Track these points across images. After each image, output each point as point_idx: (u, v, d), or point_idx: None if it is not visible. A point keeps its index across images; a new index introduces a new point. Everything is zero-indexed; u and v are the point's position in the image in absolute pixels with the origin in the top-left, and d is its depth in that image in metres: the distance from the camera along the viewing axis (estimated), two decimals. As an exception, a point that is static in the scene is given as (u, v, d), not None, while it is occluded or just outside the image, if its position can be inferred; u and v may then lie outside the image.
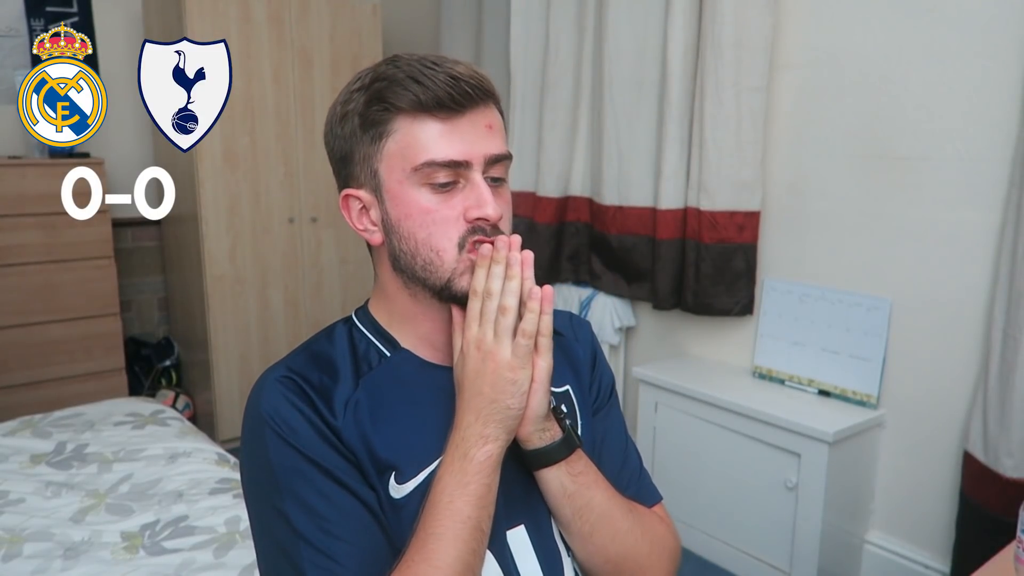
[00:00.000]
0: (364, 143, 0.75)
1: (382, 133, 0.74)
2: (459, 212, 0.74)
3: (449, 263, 0.75)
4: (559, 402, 0.84)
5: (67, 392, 2.67)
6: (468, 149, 0.73)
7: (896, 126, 1.95)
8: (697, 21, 2.25)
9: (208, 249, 2.85)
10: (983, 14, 1.77)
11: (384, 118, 0.74)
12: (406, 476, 0.75)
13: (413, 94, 0.72)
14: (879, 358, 2.02)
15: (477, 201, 0.74)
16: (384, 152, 0.74)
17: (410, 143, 0.73)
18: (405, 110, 0.73)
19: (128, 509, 1.64)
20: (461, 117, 0.73)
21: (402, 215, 0.75)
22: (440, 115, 0.73)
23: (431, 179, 0.73)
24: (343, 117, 0.77)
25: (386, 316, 0.82)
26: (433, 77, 0.72)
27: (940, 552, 1.95)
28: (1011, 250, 1.69)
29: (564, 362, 0.91)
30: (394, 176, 0.74)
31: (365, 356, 0.80)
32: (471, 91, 0.73)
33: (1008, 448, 1.69)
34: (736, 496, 2.15)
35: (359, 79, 0.77)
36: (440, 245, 0.74)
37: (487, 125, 0.75)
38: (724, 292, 2.29)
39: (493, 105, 0.77)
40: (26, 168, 2.62)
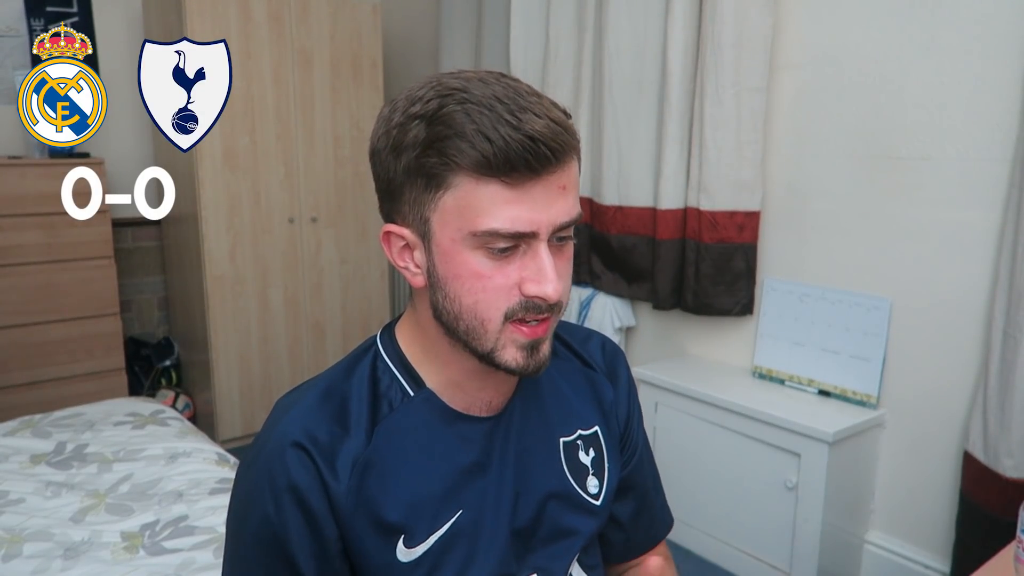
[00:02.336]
0: (417, 187, 0.66)
1: (439, 184, 0.64)
2: (514, 281, 0.66)
3: (493, 333, 0.67)
4: (587, 445, 0.82)
5: (67, 392, 2.67)
6: (537, 218, 0.64)
7: (896, 126, 1.96)
8: (697, 21, 2.25)
9: (208, 249, 2.85)
10: (983, 14, 1.77)
11: (442, 169, 0.63)
12: (416, 540, 0.71)
13: (481, 153, 0.61)
14: (879, 358, 2.02)
15: (537, 276, 0.65)
16: (439, 204, 0.65)
17: (471, 204, 0.63)
18: (467, 168, 0.62)
19: (128, 509, 1.64)
20: (535, 182, 0.63)
21: (451, 275, 0.67)
22: (510, 180, 0.62)
23: (489, 245, 0.64)
24: (396, 148, 0.66)
25: (415, 350, 0.75)
26: (507, 136, 0.61)
27: (940, 552, 1.96)
28: (1011, 250, 1.69)
29: (591, 399, 0.85)
30: (447, 233, 0.65)
31: (386, 393, 0.73)
32: (550, 153, 0.62)
33: (1008, 448, 1.69)
34: (736, 496, 2.15)
35: (420, 102, 0.65)
36: (487, 315, 0.66)
37: (561, 187, 0.65)
38: (724, 292, 2.29)
39: (574, 157, 0.66)
40: (26, 168, 2.62)
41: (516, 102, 0.63)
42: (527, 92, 0.65)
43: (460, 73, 0.67)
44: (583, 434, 0.83)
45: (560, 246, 0.68)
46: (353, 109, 3.12)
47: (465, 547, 0.73)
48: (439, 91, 0.64)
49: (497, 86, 0.64)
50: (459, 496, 0.73)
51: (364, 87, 3.14)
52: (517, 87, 0.65)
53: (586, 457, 0.82)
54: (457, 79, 0.66)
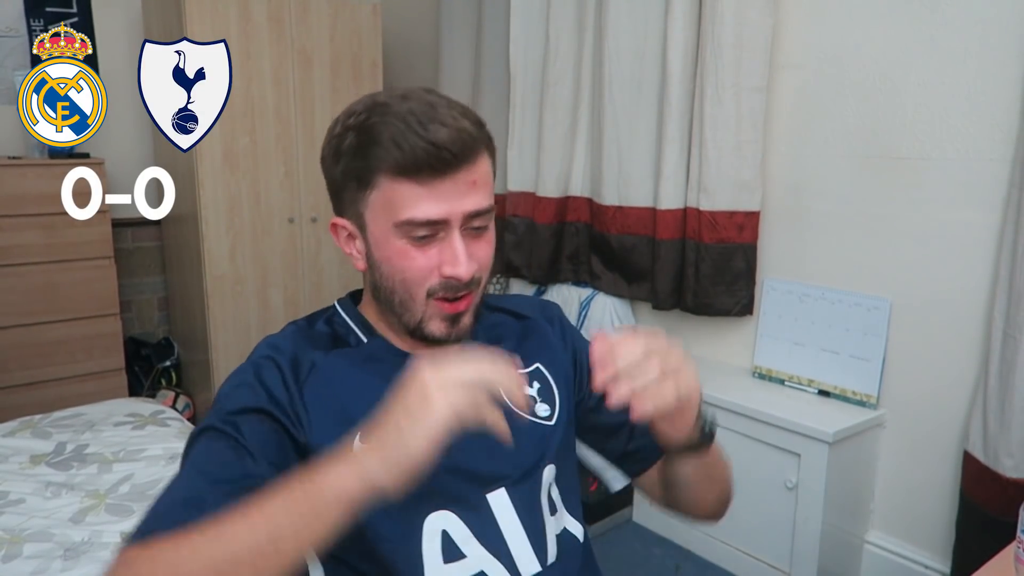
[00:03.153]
0: (351, 188, 0.79)
1: (366, 185, 0.77)
2: (434, 263, 0.78)
3: (419, 306, 0.80)
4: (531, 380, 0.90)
5: (67, 392, 2.67)
6: (447, 209, 0.76)
7: (896, 126, 1.96)
8: (697, 21, 2.25)
9: (208, 249, 2.85)
10: (983, 14, 1.77)
11: (367, 172, 0.76)
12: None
13: (393, 159, 0.74)
14: (879, 358, 2.02)
15: (451, 259, 0.77)
16: (369, 201, 0.78)
17: (390, 200, 0.76)
18: (385, 171, 0.75)
19: (128, 510, 1.64)
20: (442, 180, 0.75)
21: (383, 257, 0.79)
22: (419, 179, 0.74)
23: (410, 234, 0.77)
24: (336, 155, 0.80)
25: (371, 315, 0.88)
26: (414, 144, 0.73)
27: (940, 552, 1.96)
28: (1011, 250, 1.69)
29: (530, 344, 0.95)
30: (377, 224, 0.78)
31: (344, 337, 0.87)
32: (452, 157, 0.74)
33: (1008, 448, 1.69)
34: (736, 496, 2.14)
35: (354, 115, 0.78)
36: (412, 290, 0.79)
37: (471, 182, 0.76)
38: (724, 292, 2.29)
39: (482, 156, 0.78)
40: (26, 168, 2.62)
41: (427, 114, 0.74)
42: (444, 106, 0.76)
43: (393, 90, 0.79)
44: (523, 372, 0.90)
45: (477, 233, 0.80)
46: (353, 109, 3.12)
47: None
48: (368, 105, 0.78)
49: (416, 102, 0.75)
50: None
51: (364, 87, 3.14)
52: (434, 102, 0.76)
53: (531, 390, 0.90)
54: (386, 95, 0.78)
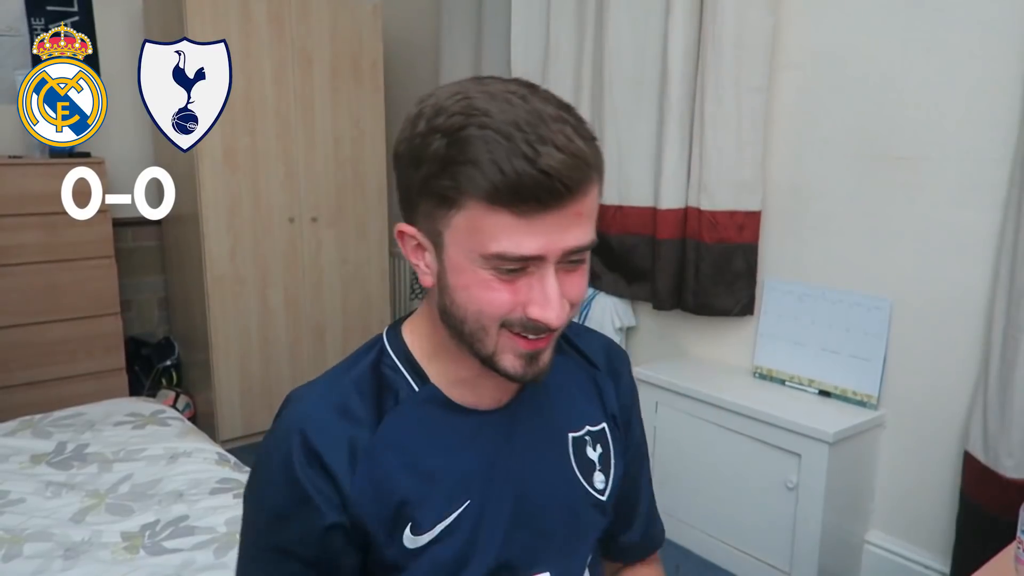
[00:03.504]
0: (431, 201, 0.66)
1: (451, 204, 0.64)
2: (520, 300, 0.66)
3: (492, 339, 0.68)
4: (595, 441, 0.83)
5: (67, 392, 2.67)
6: (546, 245, 0.63)
7: (896, 126, 1.95)
8: (697, 21, 2.25)
9: (208, 249, 2.85)
10: (983, 14, 1.77)
11: (454, 192, 0.63)
12: (422, 528, 0.72)
13: (493, 184, 0.61)
14: (879, 358, 2.02)
15: (541, 300, 0.65)
16: (451, 222, 0.65)
17: (480, 228, 0.63)
18: (477, 197, 0.62)
19: (128, 509, 1.64)
20: (547, 213, 0.62)
21: (460, 285, 0.67)
22: (520, 211, 0.62)
23: (497, 267, 0.64)
24: (416, 160, 0.65)
25: (425, 346, 0.76)
26: (521, 170, 0.60)
27: (940, 552, 1.95)
28: (1011, 250, 1.69)
29: (595, 397, 0.86)
30: (458, 249, 0.66)
31: (391, 387, 0.75)
32: (564, 189, 0.61)
33: (1008, 448, 1.69)
34: (736, 496, 2.15)
35: (444, 114, 0.64)
36: (487, 323, 0.67)
37: (576, 214, 0.64)
38: (724, 292, 2.29)
39: (593, 185, 0.65)
40: (26, 168, 2.62)
41: (536, 131, 0.61)
42: (552, 117, 0.62)
43: (488, 84, 0.66)
44: (591, 430, 0.84)
45: (572, 269, 0.68)
46: (353, 109, 3.12)
47: (469, 537, 0.74)
48: (464, 108, 0.63)
49: (522, 109, 0.62)
50: (467, 487, 0.74)
51: (364, 87, 3.14)
52: (542, 112, 0.62)
53: (593, 453, 0.83)
54: (484, 94, 0.64)
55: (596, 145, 0.65)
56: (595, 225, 0.67)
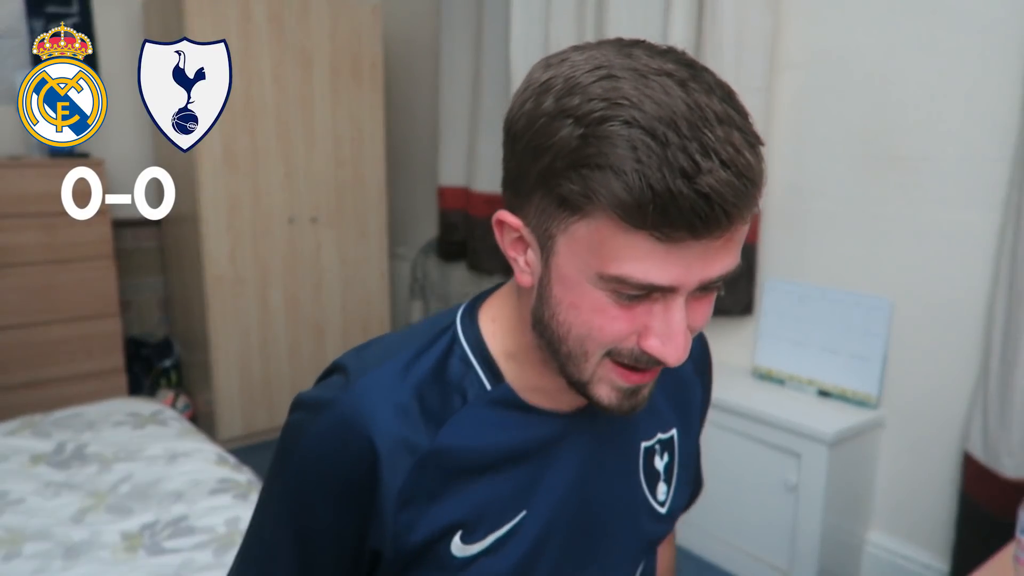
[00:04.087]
0: (549, 199, 0.54)
1: (575, 210, 0.53)
2: (636, 328, 0.56)
3: (591, 366, 0.59)
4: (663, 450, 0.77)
5: (67, 392, 2.67)
6: (684, 276, 0.53)
7: (896, 126, 1.96)
8: (697, 21, 2.25)
9: (208, 249, 2.85)
10: (983, 14, 1.77)
11: (581, 200, 0.52)
12: (475, 537, 0.66)
13: (636, 201, 0.49)
14: (879, 358, 2.02)
15: (663, 334, 0.55)
16: (570, 229, 0.54)
17: (607, 245, 0.52)
18: (615, 209, 0.51)
19: (128, 509, 1.64)
20: (695, 242, 0.51)
21: (567, 302, 0.57)
22: (662, 236, 0.51)
23: (618, 290, 0.54)
24: (536, 145, 0.54)
25: (506, 343, 0.67)
26: (675, 190, 0.48)
27: (940, 552, 1.96)
28: (1011, 250, 1.69)
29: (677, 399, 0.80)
30: (573, 262, 0.55)
31: (459, 384, 0.66)
32: (723, 216, 0.50)
33: (1008, 448, 1.69)
34: (736, 496, 2.15)
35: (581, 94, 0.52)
36: (592, 349, 0.58)
37: (727, 240, 0.52)
38: (724, 292, 2.29)
39: (755, 206, 0.53)
40: (26, 168, 2.62)
41: (699, 137, 0.49)
42: (718, 117, 0.51)
43: (638, 59, 0.53)
44: (662, 438, 0.78)
45: (702, 297, 0.57)
46: (353, 109, 3.12)
47: (523, 548, 0.68)
48: (607, 90, 0.51)
49: (681, 101, 0.50)
50: (526, 497, 0.68)
51: (364, 87, 3.14)
52: (706, 107, 0.50)
53: (660, 462, 0.77)
54: (632, 73, 0.51)
55: (761, 153, 0.54)
56: (739, 252, 0.56)
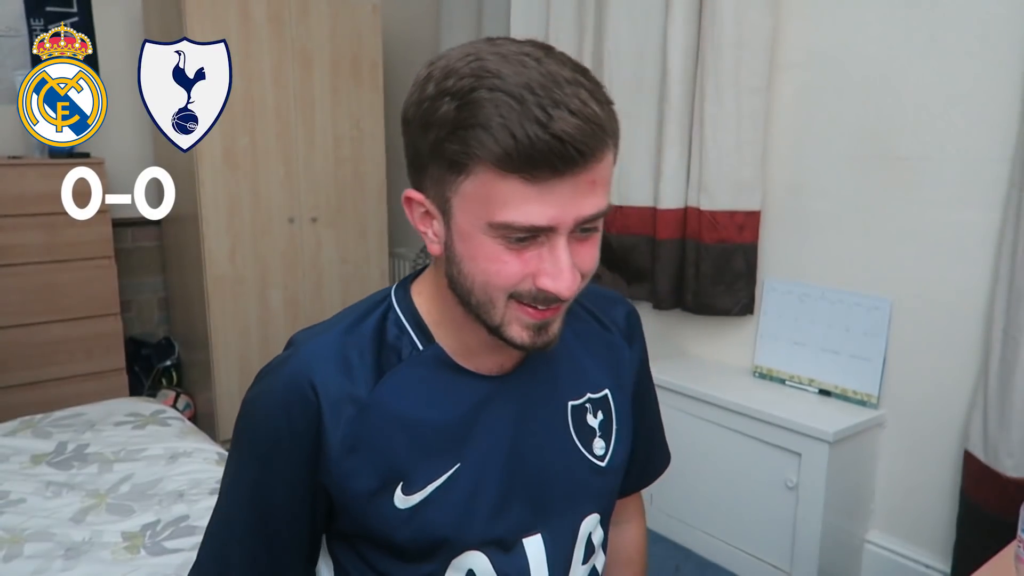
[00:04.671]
0: (440, 167, 0.64)
1: (460, 169, 0.63)
2: (530, 271, 0.65)
3: (499, 310, 0.67)
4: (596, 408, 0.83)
5: (67, 392, 2.67)
6: (557, 215, 0.62)
7: (896, 126, 1.96)
8: (697, 21, 2.25)
9: (208, 249, 2.85)
10: (983, 14, 1.77)
11: (464, 157, 0.62)
12: (414, 487, 0.73)
13: (503, 149, 0.59)
14: (879, 358, 2.02)
15: (552, 271, 0.64)
16: (460, 189, 0.64)
17: (490, 195, 0.62)
18: (488, 161, 0.60)
19: (129, 509, 1.64)
20: (560, 180, 0.61)
21: (467, 255, 0.66)
22: (532, 177, 0.60)
23: (506, 236, 0.63)
24: (425, 124, 0.64)
25: (432, 310, 0.76)
26: (533, 135, 0.58)
27: (940, 552, 1.96)
28: (1011, 250, 1.69)
29: (606, 361, 0.86)
30: (466, 217, 0.64)
31: (395, 345, 0.75)
32: (577, 155, 0.60)
33: (1008, 448, 1.69)
34: (736, 496, 2.15)
35: (455, 76, 0.62)
36: (494, 294, 0.66)
37: (590, 182, 0.62)
38: (724, 292, 2.29)
39: (608, 151, 0.63)
40: (26, 168, 2.62)
41: (551, 94, 0.59)
42: (567, 79, 0.61)
43: (500, 45, 0.64)
44: (592, 397, 0.83)
45: (585, 237, 0.67)
46: (353, 109, 3.12)
47: (460, 500, 0.74)
48: (475, 70, 0.61)
49: (536, 71, 0.60)
50: (459, 450, 0.74)
51: (364, 87, 3.14)
52: (557, 74, 0.61)
53: (594, 420, 0.83)
54: (496, 55, 0.62)
55: (612, 110, 0.63)
56: (609, 192, 0.66)
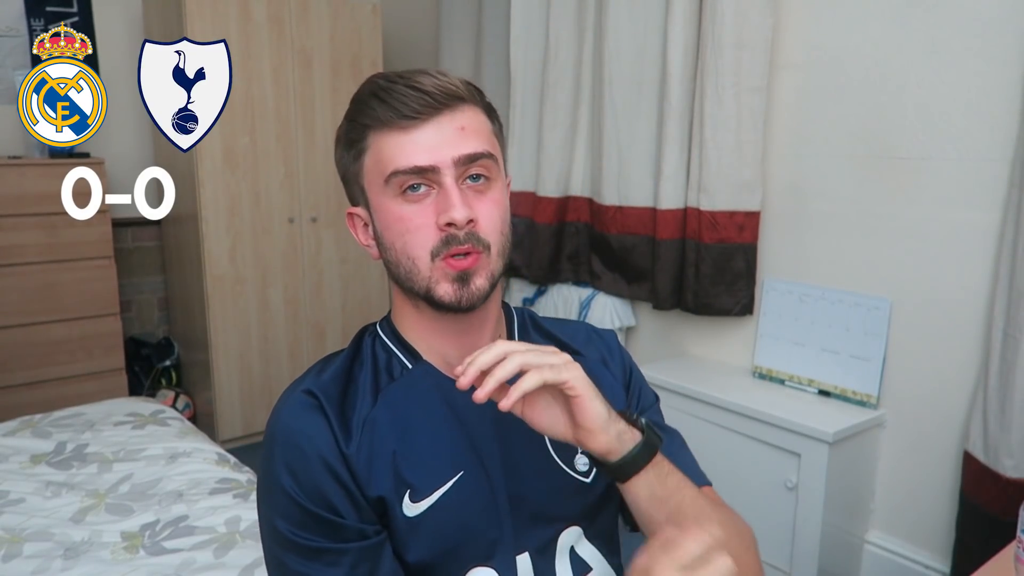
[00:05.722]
0: (351, 162, 0.78)
1: (360, 151, 0.77)
2: (432, 219, 0.74)
3: (425, 271, 0.75)
4: None
5: (67, 392, 2.67)
6: (433, 155, 0.73)
7: (896, 126, 1.95)
8: (697, 21, 2.25)
9: (208, 249, 2.85)
10: (983, 14, 1.77)
11: (359, 136, 0.76)
12: (421, 495, 0.75)
13: (374, 109, 0.74)
14: (879, 358, 2.02)
15: (445, 205, 0.73)
16: (364, 169, 0.77)
17: (380, 156, 0.75)
18: (372, 126, 0.75)
19: (128, 509, 1.64)
20: (425, 124, 0.73)
21: (383, 226, 0.77)
22: (402, 125, 0.73)
23: (402, 187, 0.74)
24: (337, 141, 0.80)
25: (404, 326, 0.83)
26: (392, 90, 0.73)
27: (940, 552, 1.95)
28: (1011, 250, 1.69)
29: None
30: (374, 190, 0.76)
31: (387, 367, 0.81)
32: (433, 99, 0.73)
33: (1008, 448, 1.69)
34: (736, 496, 2.14)
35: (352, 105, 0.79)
36: (414, 253, 0.75)
37: (459, 127, 0.74)
38: (724, 292, 2.29)
39: (471, 107, 0.76)
40: (26, 168, 2.62)
41: (415, 76, 0.74)
42: (438, 73, 0.75)
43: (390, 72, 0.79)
44: None
45: (478, 187, 0.75)
46: (353, 109, 3.12)
47: (468, 507, 0.76)
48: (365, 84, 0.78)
49: (409, 73, 0.75)
50: (461, 459, 0.78)
51: (364, 87, 3.14)
52: (430, 71, 0.76)
53: None
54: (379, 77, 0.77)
55: (475, 87, 0.78)
56: (489, 144, 0.77)
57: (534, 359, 0.68)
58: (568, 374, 0.69)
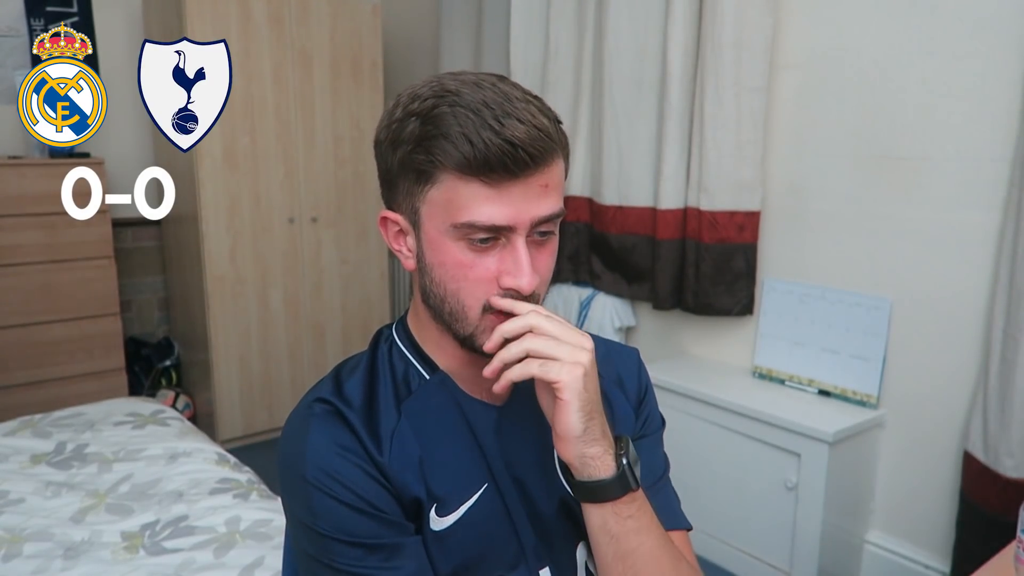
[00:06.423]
0: (409, 179, 0.71)
1: (426, 179, 0.70)
2: (493, 273, 0.70)
3: (473, 320, 0.72)
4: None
5: (67, 392, 2.67)
6: (515, 214, 0.68)
7: (896, 126, 1.96)
8: (697, 21, 2.25)
9: (208, 249, 2.85)
10: (983, 14, 1.77)
11: (429, 168, 0.69)
12: (448, 509, 0.75)
13: (463, 155, 0.66)
14: (879, 358, 2.02)
15: (513, 268, 0.70)
16: (426, 197, 0.70)
17: (453, 199, 0.68)
18: (450, 167, 0.67)
19: (128, 509, 1.64)
20: (513, 182, 0.68)
21: (436, 261, 0.72)
22: (489, 179, 0.67)
23: (469, 236, 0.69)
24: (393, 142, 0.71)
25: (422, 336, 0.80)
26: (488, 140, 0.65)
27: (940, 552, 1.96)
28: (1011, 250, 1.69)
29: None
30: (433, 223, 0.71)
31: (404, 378, 0.78)
32: (527, 158, 0.67)
33: (1008, 448, 1.69)
34: (736, 496, 2.15)
35: (418, 100, 0.70)
36: (467, 302, 0.71)
37: (543, 185, 0.69)
38: (724, 292, 2.29)
39: (557, 158, 0.71)
40: (26, 168, 2.62)
41: (503, 108, 0.67)
42: (518, 98, 0.69)
43: (461, 74, 0.71)
44: None
45: (542, 241, 0.72)
46: (353, 109, 3.12)
47: (489, 523, 0.76)
48: (436, 91, 0.69)
49: (490, 91, 0.68)
50: (481, 472, 0.77)
51: (364, 87, 3.14)
52: (509, 93, 0.69)
53: None
54: (455, 81, 0.70)
55: (560, 127, 0.72)
56: (562, 198, 0.73)
57: (540, 347, 0.68)
58: (561, 375, 0.67)
